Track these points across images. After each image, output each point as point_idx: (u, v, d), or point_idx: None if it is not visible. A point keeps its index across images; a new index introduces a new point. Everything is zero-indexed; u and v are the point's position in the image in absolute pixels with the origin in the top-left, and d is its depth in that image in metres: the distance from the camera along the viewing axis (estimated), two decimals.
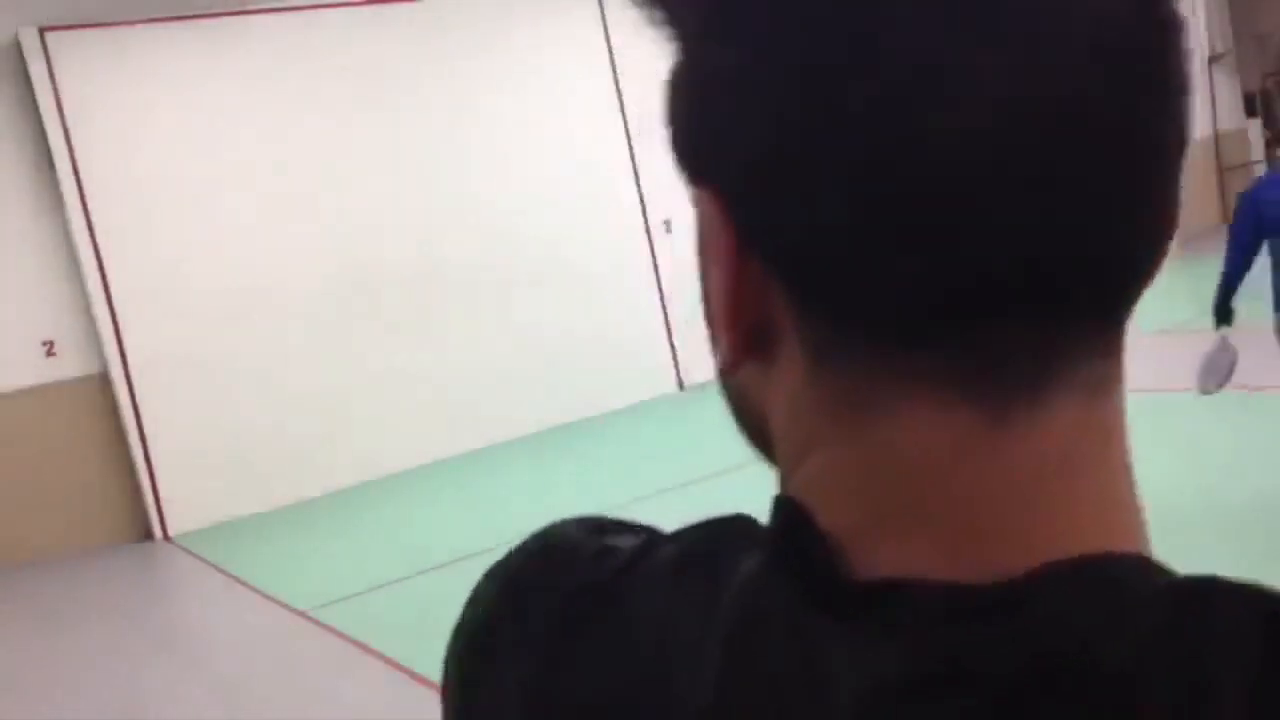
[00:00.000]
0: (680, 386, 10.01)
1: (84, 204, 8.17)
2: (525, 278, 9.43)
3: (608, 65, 9.93)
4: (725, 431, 0.52)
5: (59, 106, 8.11)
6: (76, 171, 8.15)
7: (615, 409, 9.45)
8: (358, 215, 8.91)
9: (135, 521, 8.33)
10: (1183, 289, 6.47)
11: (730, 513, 0.49)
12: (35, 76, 8.07)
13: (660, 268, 10.06)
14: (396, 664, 4.74)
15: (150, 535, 8.30)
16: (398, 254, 9.00)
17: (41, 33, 8.04)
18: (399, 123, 9.11)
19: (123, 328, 8.26)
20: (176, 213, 8.37)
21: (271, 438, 8.48)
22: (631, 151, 10.01)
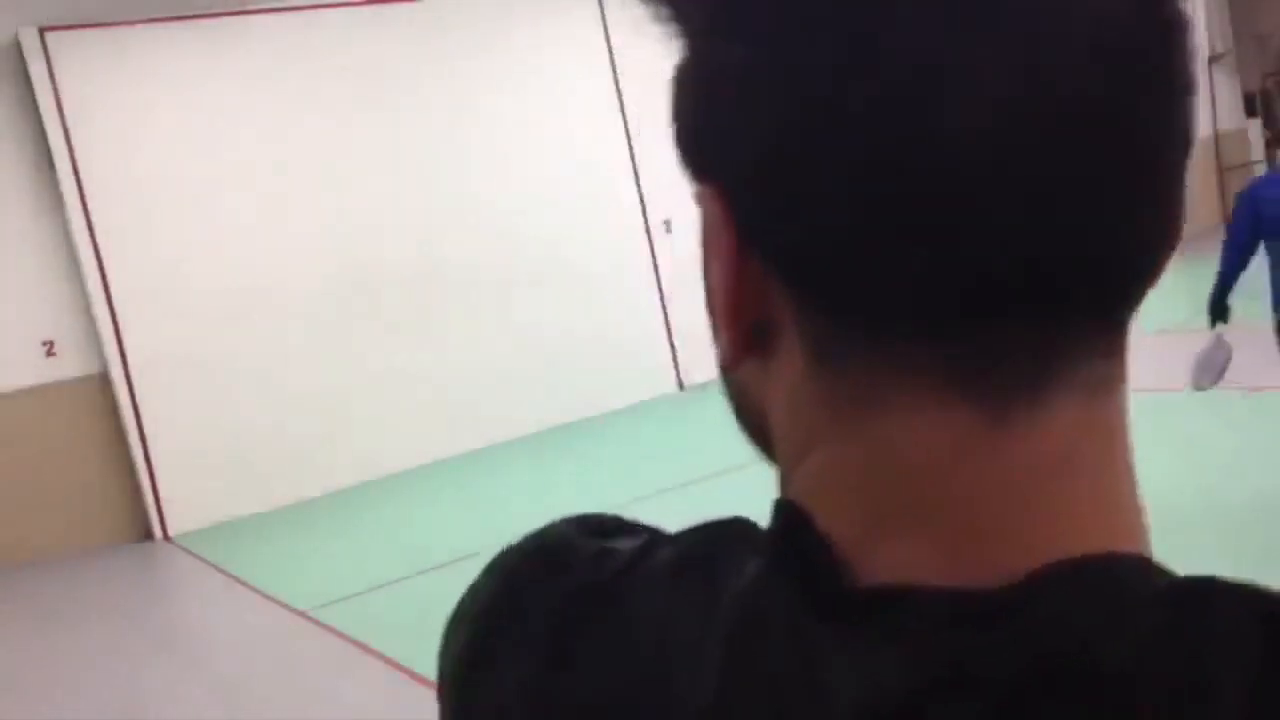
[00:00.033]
0: (680, 386, 10.01)
1: (84, 204, 8.17)
2: (525, 278, 9.43)
3: (608, 65, 9.93)
4: (725, 431, 0.52)
5: (59, 106, 8.11)
6: (76, 171, 8.15)
7: (615, 409, 9.45)
8: (358, 215, 8.91)
9: (135, 521, 8.33)
10: (1183, 289, 6.46)
11: (729, 515, 0.49)
12: (35, 76, 8.07)
13: (660, 268, 10.06)
14: (396, 664, 4.74)
15: (150, 535, 8.31)
16: (398, 254, 9.00)
17: (41, 33, 8.05)
18: (399, 123, 9.11)
19: (123, 328, 8.26)
20: (176, 212, 8.37)
21: (271, 438, 8.49)
22: (631, 151, 10.01)
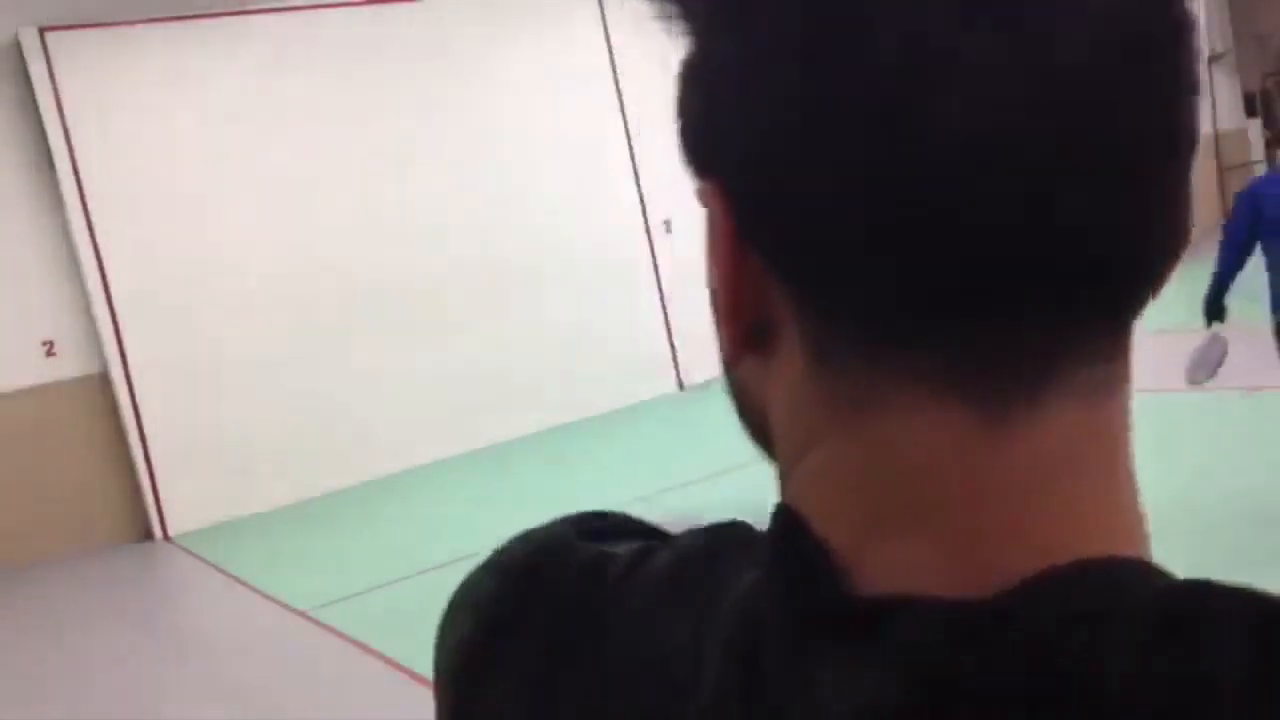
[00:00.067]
0: (680, 386, 10.01)
1: (84, 204, 8.17)
2: (525, 278, 9.43)
3: (608, 65, 9.93)
4: (725, 432, 0.52)
5: (59, 106, 8.11)
6: (76, 171, 8.15)
7: (615, 409, 9.45)
8: (357, 215, 8.91)
9: (135, 521, 8.33)
10: (1183, 289, 6.46)
11: (728, 519, 0.48)
12: (35, 76, 8.07)
13: (660, 268, 10.06)
14: (396, 664, 4.74)
15: (150, 535, 8.30)
16: (397, 254, 8.99)
17: (41, 33, 8.04)
18: (398, 123, 9.10)
19: (123, 328, 8.26)
20: (177, 213, 8.36)
21: (271, 438, 8.48)
22: (631, 151, 10.00)
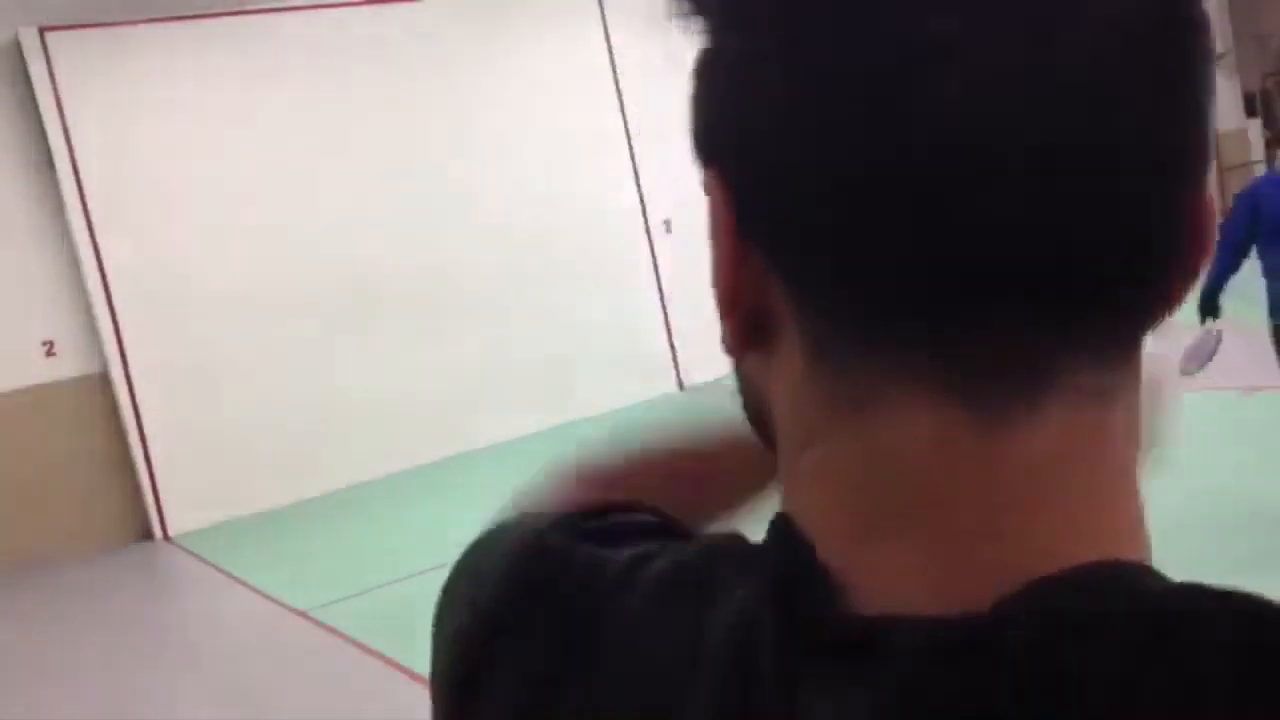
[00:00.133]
0: (680, 386, 10.01)
1: (84, 204, 8.17)
2: (525, 278, 9.43)
3: (608, 65, 9.93)
4: None
5: (59, 106, 8.11)
6: (76, 171, 8.16)
7: (615, 409, 9.45)
8: (357, 215, 8.91)
9: (135, 521, 8.33)
10: None
11: (724, 532, 0.48)
12: (35, 76, 8.07)
13: (660, 268, 10.06)
14: (396, 664, 4.74)
15: (150, 535, 8.31)
16: (397, 254, 9.00)
17: (41, 33, 8.05)
18: (399, 123, 9.11)
19: (123, 328, 8.26)
20: (176, 212, 8.37)
21: (271, 438, 8.49)
22: (631, 151, 10.01)
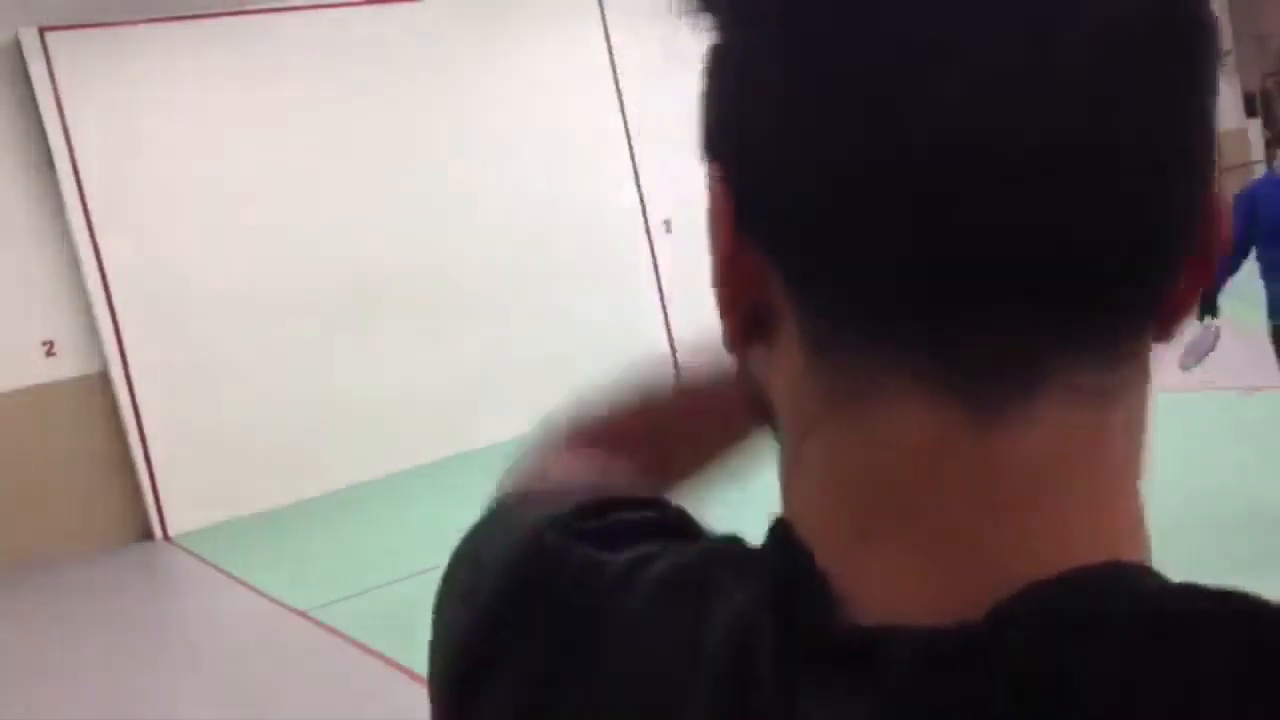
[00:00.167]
0: None
1: (84, 204, 8.17)
2: (525, 278, 9.43)
3: (608, 65, 9.93)
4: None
5: (59, 106, 8.11)
6: (76, 171, 8.16)
7: None
8: (357, 215, 8.91)
9: (135, 521, 8.33)
10: None
11: (724, 534, 0.48)
12: (35, 76, 8.07)
13: (660, 268, 10.06)
14: (397, 664, 4.74)
15: (150, 535, 8.30)
16: (397, 254, 9.00)
17: (41, 33, 8.05)
18: (399, 123, 9.11)
19: (123, 328, 8.26)
20: (176, 212, 8.37)
21: (271, 438, 8.48)
22: (631, 151, 10.01)
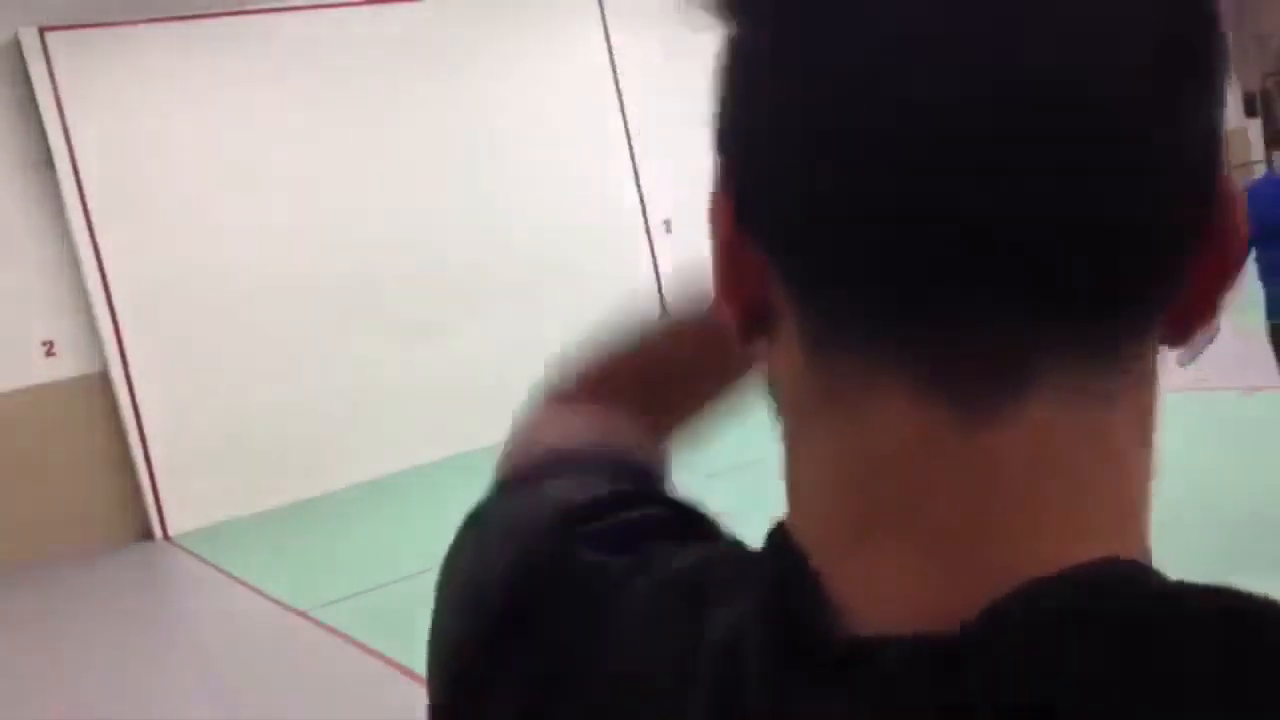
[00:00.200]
0: None
1: (84, 204, 8.18)
2: (525, 277, 9.43)
3: (608, 65, 9.93)
4: (725, 431, 0.52)
5: (59, 106, 8.12)
6: (76, 171, 8.16)
7: None
8: (358, 215, 8.91)
9: (135, 521, 8.33)
10: None
11: (724, 540, 0.48)
12: (35, 76, 8.08)
13: (660, 268, 10.06)
14: (396, 664, 4.74)
15: (150, 535, 8.31)
16: (398, 254, 9.00)
17: (41, 33, 8.05)
18: (398, 123, 9.12)
19: (123, 328, 8.27)
20: (176, 212, 8.37)
21: (271, 438, 8.49)
22: (631, 151, 10.01)
